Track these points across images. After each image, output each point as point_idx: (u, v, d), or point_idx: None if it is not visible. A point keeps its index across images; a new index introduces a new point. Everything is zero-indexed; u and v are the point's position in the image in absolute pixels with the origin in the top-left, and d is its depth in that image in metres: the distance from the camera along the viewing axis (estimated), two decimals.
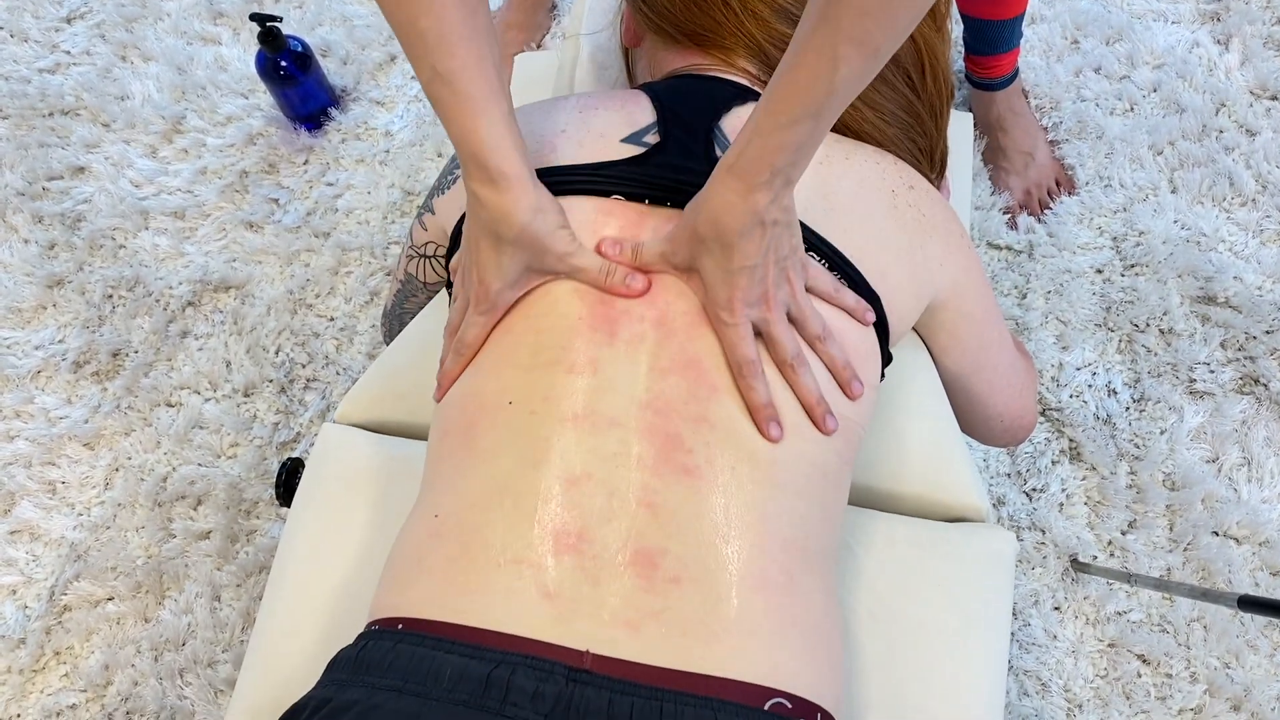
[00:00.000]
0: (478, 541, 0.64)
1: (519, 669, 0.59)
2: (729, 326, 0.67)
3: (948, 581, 0.82)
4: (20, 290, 1.50)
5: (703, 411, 0.67)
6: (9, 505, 1.38)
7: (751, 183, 0.62)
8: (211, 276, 1.50)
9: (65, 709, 1.28)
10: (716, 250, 0.65)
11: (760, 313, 0.67)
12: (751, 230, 0.64)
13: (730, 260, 0.65)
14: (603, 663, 0.60)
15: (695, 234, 0.66)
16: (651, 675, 0.60)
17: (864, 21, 0.55)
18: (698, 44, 0.86)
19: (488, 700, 0.58)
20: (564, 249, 0.69)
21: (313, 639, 0.80)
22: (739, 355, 0.67)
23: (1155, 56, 1.59)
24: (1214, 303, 1.44)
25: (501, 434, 0.68)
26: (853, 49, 0.56)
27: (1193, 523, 1.32)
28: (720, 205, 0.64)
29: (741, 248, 0.64)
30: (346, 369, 1.44)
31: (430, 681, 0.59)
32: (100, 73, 1.65)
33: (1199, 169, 1.51)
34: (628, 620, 0.61)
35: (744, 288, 0.66)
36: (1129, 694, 1.25)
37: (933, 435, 0.89)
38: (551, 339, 0.70)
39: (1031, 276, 1.47)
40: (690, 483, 0.65)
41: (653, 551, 0.63)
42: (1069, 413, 1.39)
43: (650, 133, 0.77)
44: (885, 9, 0.54)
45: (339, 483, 0.87)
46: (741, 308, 0.66)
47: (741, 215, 0.63)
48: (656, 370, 0.68)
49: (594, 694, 0.58)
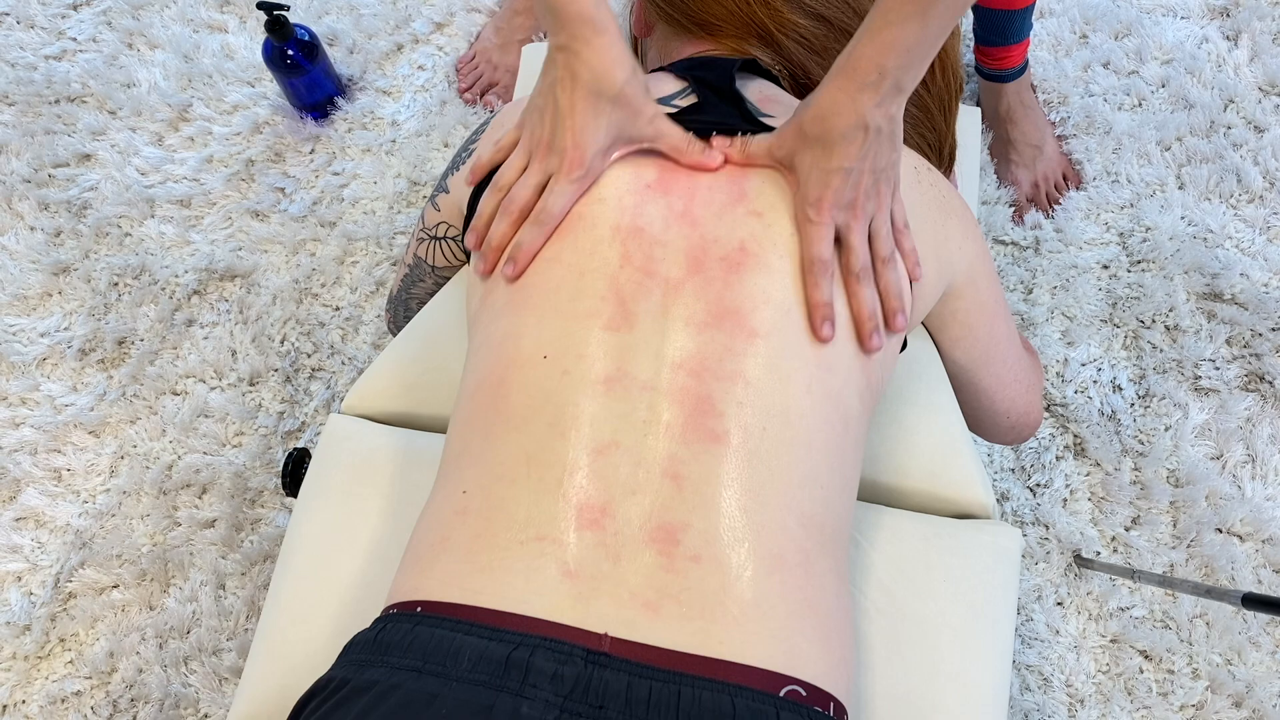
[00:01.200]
0: (502, 517, 0.64)
1: (538, 650, 0.59)
2: (813, 224, 0.68)
3: (953, 577, 0.82)
4: (26, 277, 1.50)
5: (739, 367, 0.67)
6: (15, 492, 1.38)
7: (861, 82, 0.63)
8: (217, 265, 1.50)
9: (70, 696, 1.28)
10: (817, 148, 0.66)
11: (846, 217, 0.68)
12: (855, 132, 0.65)
13: (829, 159, 0.66)
14: (621, 645, 0.60)
15: (800, 130, 0.67)
16: (669, 659, 0.60)
17: None
18: (709, 32, 0.86)
19: (508, 681, 0.58)
20: (654, 112, 0.70)
21: (319, 628, 0.81)
22: (814, 252, 0.68)
23: (1164, 52, 1.59)
24: (1220, 299, 1.44)
25: (533, 395, 0.67)
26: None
27: (1196, 519, 1.32)
28: (828, 104, 0.65)
29: (842, 148, 0.65)
30: (352, 359, 1.44)
31: (450, 662, 0.59)
32: (107, 60, 1.65)
33: (1207, 165, 1.50)
34: (647, 601, 0.61)
35: (836, 188, 0.67)
36: (1131, 690, 1.26)
37: (939, 431, 0.89)
38: (592, 284, 0.69)
39: (1038, 271, 1.47)
40: (718, 450, 0.65)
41: (675, 527, 0.63)
42: (1074, 408, 1.39)
43: (682, 95, 0.78)
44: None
45: (346, 473, 0.87)
46: (829, 208, 0.67)
47: (847, 115, 0.64)
48: (693, 325, 0.68)
49: (613, 677, 0.59)
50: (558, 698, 0.58)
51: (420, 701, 0.58)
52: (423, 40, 1.66)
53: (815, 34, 0.85)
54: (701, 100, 0.77)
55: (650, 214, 0.71)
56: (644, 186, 0.72)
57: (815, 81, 0.85)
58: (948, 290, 0.83)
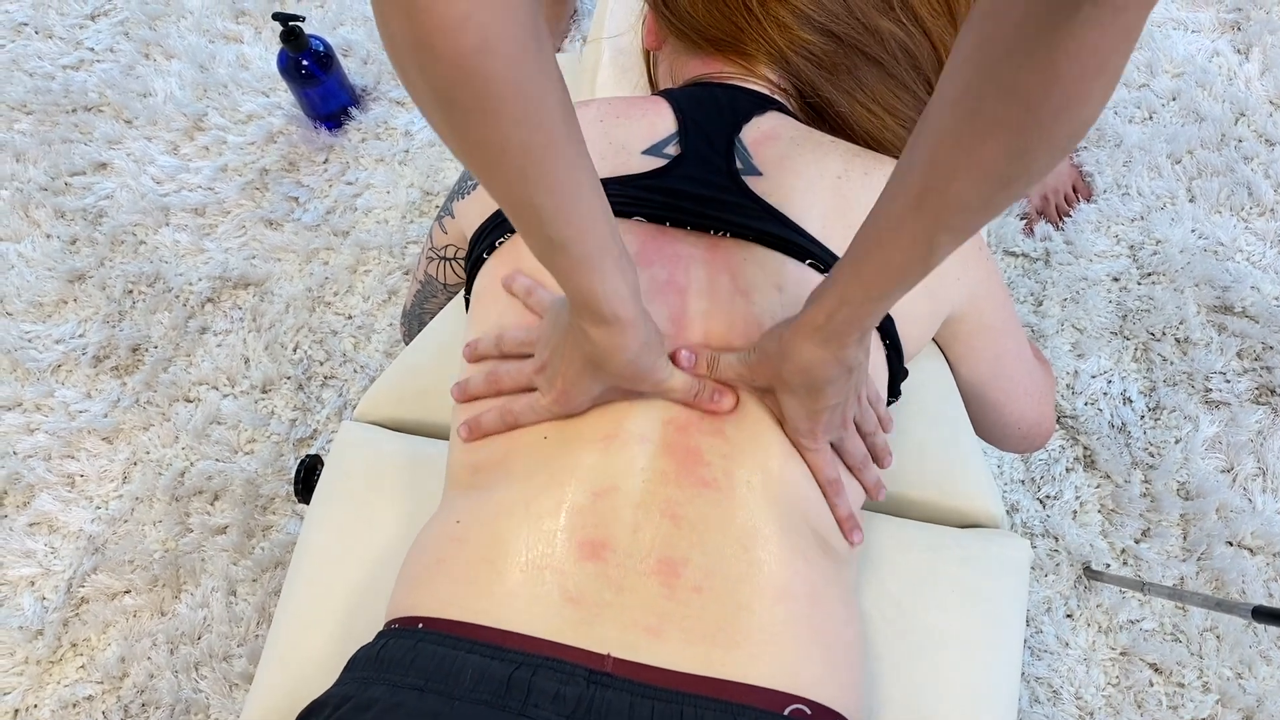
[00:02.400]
0: (500, 547, 0.65)
1: (540, 670, 0.59)
2: (813, 452, 0.70)
3: (962, 588, 0.82)
4: (42, 284, 1.51)
5: (719, 425, 0.68)
6: (28, 497, 1.39)
7: (842, 343, 0.63)
8: (231, 273, 1.51)
9: (81, 700, 1.29)
10: (803, 393, 0.66)
11: (839, 434, 0.71)
12: (840, 377, 0.65)
13: (817, 402, 0.66)
14: (624, 666, 0.60)
15: (780, 378, 0.66)
16: (672, 679, 0.60)
17: (964, 215, 0.53)
18: (720, 50, 0.86)
19: (509, 701, 0.58)
20: (660, 378, 0.67)
21: (331, 635, 0.81)
22: (825, 476, 0.70)
23: (1175, 65, 1.59)
24: (1231, 312, 1.44)
25: (535, 460, 0.68)
26: (950, 236, 0.54)
27: (1207, 532, 1.32)
28: (811, 359, 0.63)
29: (829, 392, 0.65)
30: (364, 367, 1.45)
31: (451, 681, 0.59)
32: (123, 70, 1.66)
33: (1217, 178, 1.51)
34: (649, 626, 0.62)
35: (826, 421, 0.68)
36: (1140, 703, 1.25)
37: (948, 441, 0.89)
38: None
39: (1048, 284, 1.47)
40: (711, 495, 0.66)
41: (676, 561, 0.64)
42: (1084, 420, 1.39)
43: (671, 144, 0.77)
44: (987, 204, 0.52)
45: (358, 480, 0.87)
46: (823, 435, 0.69)
47: (832, 367, 0.64)
48: None
49: (615, 696, 0.59)
50: (560, 717, 0.58)
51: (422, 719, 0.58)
52: None
53: (825, 51, 0.85)
54: (685, 151, 0.77)
55: None
56: None
57: (824, 99, 0.85)
58: (949, 316, 0.84)
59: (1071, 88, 0.44)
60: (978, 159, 0.49)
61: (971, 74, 0.47)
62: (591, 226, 0.59)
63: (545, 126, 0.53)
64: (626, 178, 0.75)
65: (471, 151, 0.53)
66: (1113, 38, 0.42)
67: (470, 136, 0.52)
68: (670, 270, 0.72)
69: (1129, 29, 0.42)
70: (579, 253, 0.59)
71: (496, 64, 0.49)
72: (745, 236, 0.73)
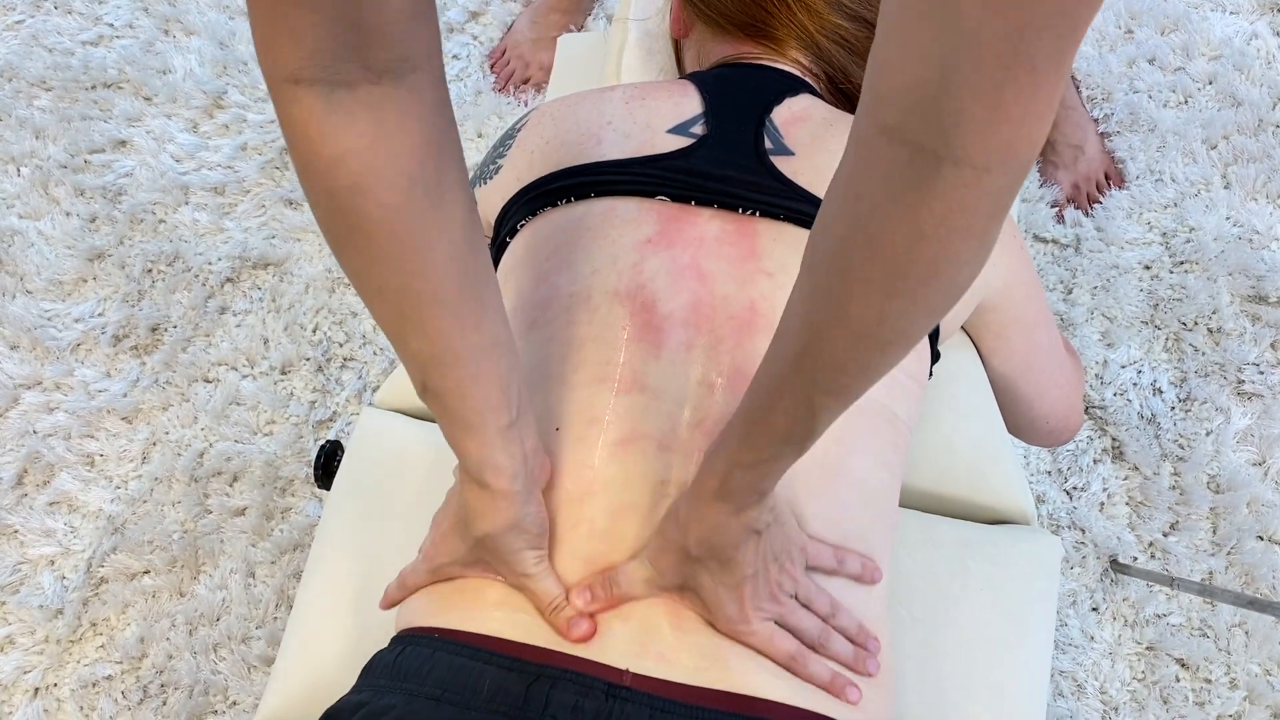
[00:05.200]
0: None
1: (559, 683, 0.59)
2: (752, 635, 0.62)
3: (991, 585, 0.81)
4: (61, 263, 1.51)
5: None
6: (48, 476, 1.39)
7: (741, 504, 0.57)
8: (250, 253, 1.50)
9: (101, 680, 1.29)
10: (714, 567, 0.60)
11: (773, 609, 0.63)
12: (747, 541, 0.59)
13: (731, 574, 0.60)
14: (643, 681, 0.59)
15: (686, 555, 0.61)
16: (692, 694, 0.59)
17: (841, 377, 0.49)
18: (749, 34, 0.84)
19: (528, 713, 0.57)
20: (522, 570, 0.63)
21: (351, 625, 0.80)
22: (778, 653, 0.63)
23: (1212, 48, 1.56)
24: (1265, 302, 1.41)
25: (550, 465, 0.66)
26: (829, 399, 0.51)
27: (1237, 526, 1.30)
28: (710, 527, 0.58)
29: (739, 560, 0.60)
30: (384, 349, 1.44)
31: (469, 692, 0.59)
32: (143, 46, 1.65)
33: (1254, 164, 1.47)
34: (659, 653, 0.61)
35: (750, 595, 0.61)
36: (1167, 698, 1.24)
37: (979, 436, 0.87)
38: (595, 352, 0.68)
39: (1078, 271, 1.44)
40: None
41: (687, 588, 0.62)
42: (1112, 411, 1.37)
43: (698, 124, 0.76)
44: (865, 366, 0.49)
45: (379, 468, 0.87)
46: (755, 614, 0.62)
47: (735, 532, 0.59)
48: (706, 386, 0.67)
49: (634, 710, 0.58)
50: None
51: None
52: (457, 29, 1.65)
53: (856, 36, 0.83)
54: (711, 131, 0.75)
55: (653, 268, 0.70)
56: (643, 242, 0.71)
57: (854, 84, 0.84)
58: (981, 304, 0.82)
59: (939, 248, 0.42)
60: (849, 319, 0.46)
61: (841, 230, 0.45)
62: (474, 389, 0.56)
63: (427, 275, 0.51)
64: (651, 157, 0.74)
65: (353, 280, 0.53)
66: (979, 198, 0.40)
67: (349, 267, 0.52)
68: (693, 253, 0.70)
69: (998, 192, 0.40)
70: (454, 408, 0.57)
71: (370, 206, 0.48)
72: (775, 216, 0.72)
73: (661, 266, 0.70)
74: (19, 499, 1.38)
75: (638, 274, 0.70)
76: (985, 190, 0.40)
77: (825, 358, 0.48)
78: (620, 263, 0.70)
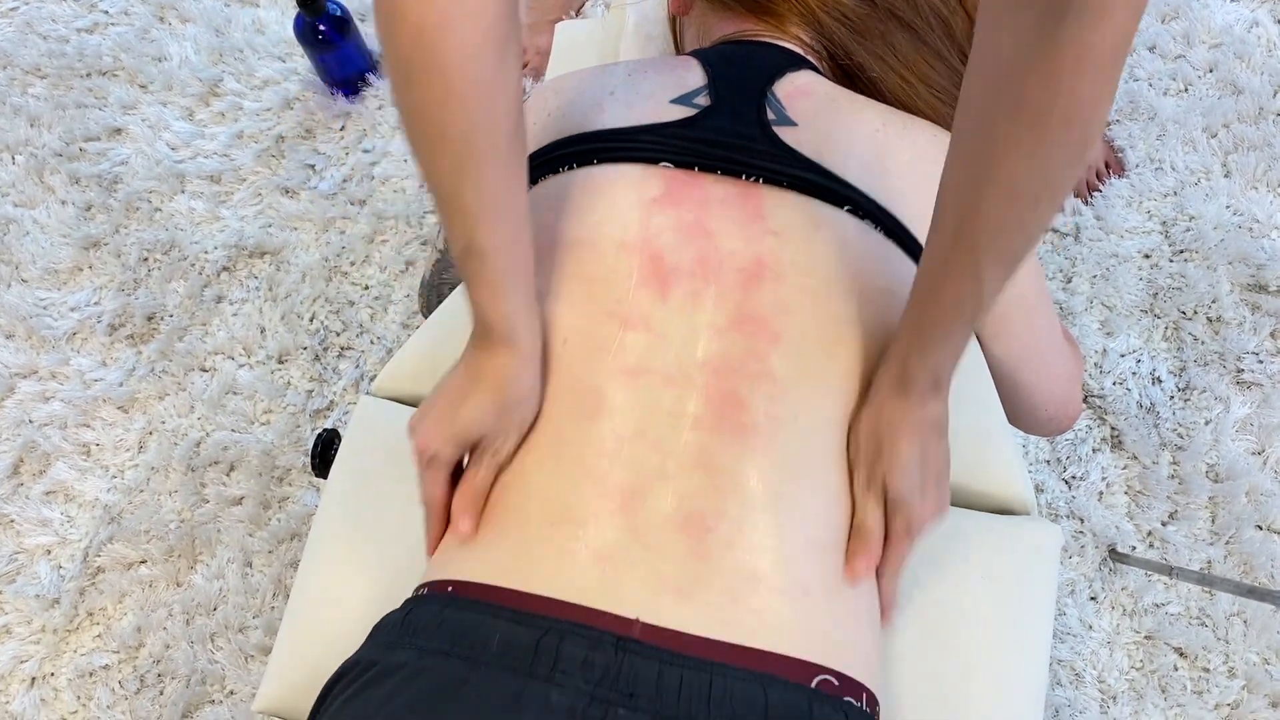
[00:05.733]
0: (533, 499, 0.64)
1: (568, 636, 0.58)
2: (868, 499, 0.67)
3: (990, 573, 0.80)
4: (57, 251, 1.50)
5: (764, 367, 0.66)
6: (44, 466, 1.39)
7: (920, 396, 0.64)
8: (247, 242, 1.50)
9: (98, 669, 1.29)
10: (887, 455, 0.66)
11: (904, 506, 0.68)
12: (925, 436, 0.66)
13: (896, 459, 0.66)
14: (651, 631, 0.59)
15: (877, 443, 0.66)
16: (700, 646, 0.59)
17: (999, 238, 0.54)
18: (750, 11, 0.84)
19: (537, 667, 0.57)
20: None
21: (348, 612, 0.80)
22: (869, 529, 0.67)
23: (1212, 35, 1.55)
24: (1265, 291, 1.40)
25: (558, 379, 0.67)
26: (995, 265, 0.56)
27: (1236, 515, 1.30)
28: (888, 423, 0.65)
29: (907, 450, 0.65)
30: (381, 338, 1.44)
31: (479, 647, 0.58)
32: (138, 33, 1.64)
33: (1254, 153, 1.47)
34: (678, 587, 0.61)
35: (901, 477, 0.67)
36: (1165, 687, 1.24)
37: (978, 424, 0.87)
38: (604, 290, 0.68)
39: (1077, 260, 1.44)
40: (748, 441, 0.64)
41: (706, 515, 0.62)
42: (1111, 400, 1.36)
43: (701, 95, 0.76)
44: (1020, 224, 0.54)
45: (376, 456, 0.86)
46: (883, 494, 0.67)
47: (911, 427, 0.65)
48: (714, 329, 0.67)
49: (643, 664, 0.58)
50: (588, 685, 0.57)
51: (449, 685, 0.58)
52: None
53: (858, 14, 0.83)
54: (715, 101, 0.75)
55: (659, 225, 0.70)
56: (649, 201, 0.71)
57: (856, 62, 0.84)
58: None
59: (1072, 94, 0.47)
60: (999, 180, 0.51)
61: (982, 99, 0.51)
62: (515, 247, 0.61)
63: (489, 128, 0.56)
64: (654, 125, 0.74)
65: (417, 128, 0.56)
66: (1104, 38, 0.45)
67: (418, 109, 0.55)
68: (698, 213, 0.71)
69: (1121, 30, 0.45)
70: (497, 266, 0.60)
71: (453, 44, 0.52)
72: (779, 183, 0.72)
73: (668, 223, 0.70)
74: (15, 488, 1.38)
75: (644, 229, 0.70)
76: (1109, 30, 0.45)
77: (984, 222, 0.54)
78: (626, 218, 0.70)
